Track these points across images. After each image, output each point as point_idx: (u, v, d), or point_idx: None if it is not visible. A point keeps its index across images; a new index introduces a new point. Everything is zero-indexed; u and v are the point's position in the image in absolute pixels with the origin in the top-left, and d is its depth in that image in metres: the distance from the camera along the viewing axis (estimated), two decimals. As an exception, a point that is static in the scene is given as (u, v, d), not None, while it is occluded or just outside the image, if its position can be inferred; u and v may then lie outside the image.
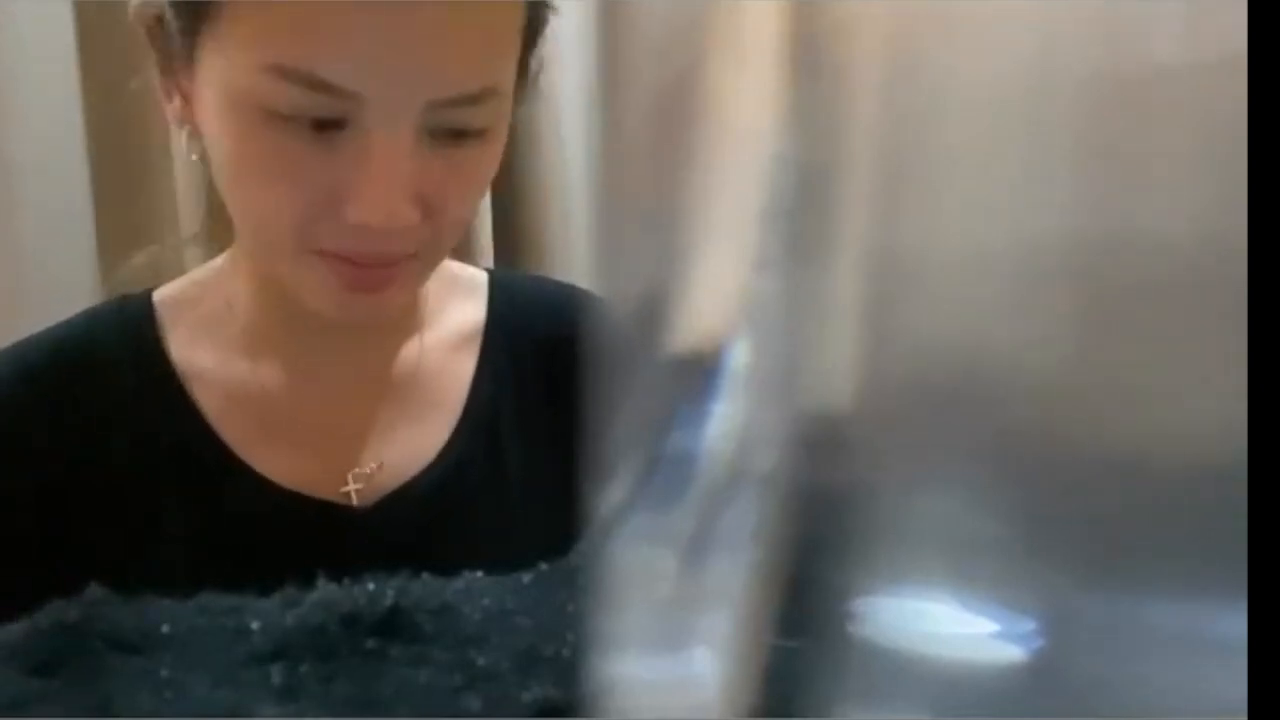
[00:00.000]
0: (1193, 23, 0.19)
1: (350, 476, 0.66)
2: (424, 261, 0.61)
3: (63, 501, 0.63)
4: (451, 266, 0.73)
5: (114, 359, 0.66)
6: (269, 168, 0.56)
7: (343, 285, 0.58)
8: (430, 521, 0.66)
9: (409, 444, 0.67)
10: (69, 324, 0.68)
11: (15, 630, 0.37)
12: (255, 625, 0.37)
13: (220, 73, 0.56)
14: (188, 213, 1.05)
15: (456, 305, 0.72)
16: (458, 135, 0.57)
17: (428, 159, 0.56)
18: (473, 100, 0.56)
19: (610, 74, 0.24)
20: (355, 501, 0.65)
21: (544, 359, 0.70)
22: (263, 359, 0.67)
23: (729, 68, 0.21)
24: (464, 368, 0.70)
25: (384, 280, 0.59)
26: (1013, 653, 0.20)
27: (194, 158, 0.63)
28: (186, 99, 0.60)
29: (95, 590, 0.38)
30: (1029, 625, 0.20)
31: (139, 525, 0.63)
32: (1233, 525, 0.18)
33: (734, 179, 0.21)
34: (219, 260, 0.69)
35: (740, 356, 0.21)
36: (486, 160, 0.60)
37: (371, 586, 0.38)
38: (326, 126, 0.54)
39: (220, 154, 0.58)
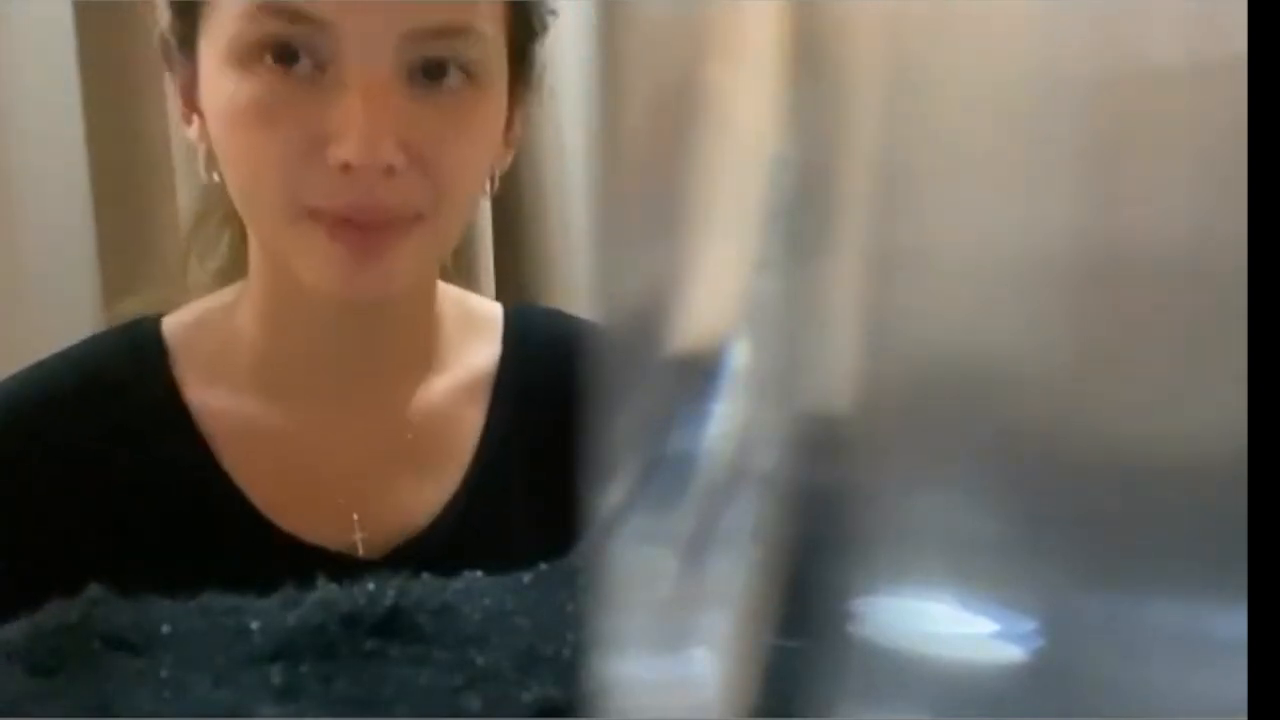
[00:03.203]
0: (1193, 24, 0.19)
1: (356, 525, 0.65)
2: (432, 229, 0.59)
3: (64, 532, 0.62)
4: (467, 301, 0.73)
5: (122, 391, 0.65)
6: (256, 116, 0.57)
7: (343, 252, 0.57)
8: (437, 571, 0.65)
9: (417, 494, 0.66)
10: (76, 351, 0.68)
11: (15, 630, 0.37)
12: (255, 625, 0.37)
13: (212, 42, 0.58)
14: (189, 223, 1.05)
15: (470, 347, 0.71)
16: (440, 75, 0.57)
17: (413, 102, 0.57)
18: (449, 33, 0.57)
19: (610, 75, 0.24)
20: (361, 552, 0.64)
21: (557, 402, 0.69)
22: (273, 398, 0.66)
23: (729, 68, 0.21)
24: (475, 414, 0.69)
25: (384, 244, 0.57)
26: (1013, 653, 0.20)
27: (215, 178, 0.63)
28: (202, 115, 0.61)
29: (95, 590, 0.38)
30: (1029, 625, 0.20)
31: (140, 561, 0.61)
32: (1233, 525, 0.18)
33: (734, 179, 0.21)
34: (229, 291, 0.68)
35: (740, 356, 0.21)
36: (479, 112, 0.60)
37: (371, 586, 0.38)
38: (308, 65, 0.56)
39: (218, 130, 0.59)
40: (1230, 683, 0.18)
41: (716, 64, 0.22)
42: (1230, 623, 0.18)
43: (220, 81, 0.58)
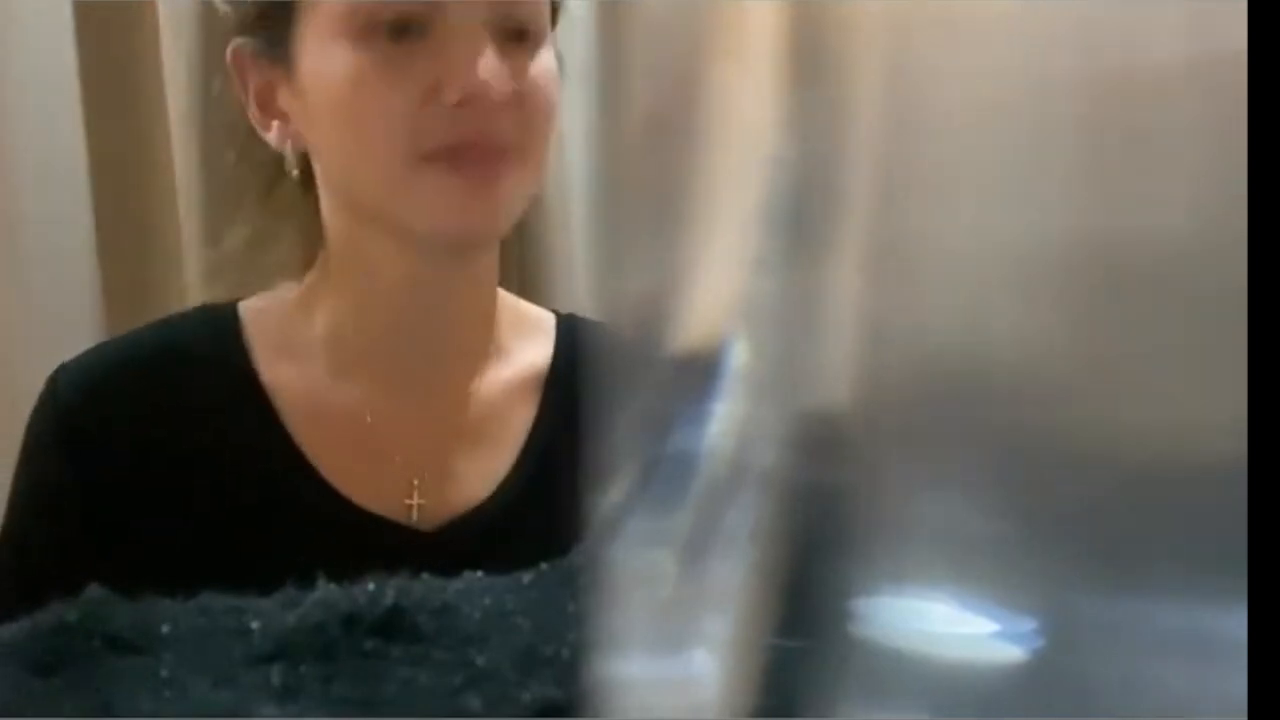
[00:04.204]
0: (1193, 24, 0.19)
1: (415, 497, 0.70)
2: (528, 164, 0.66)
3: (141, 494, 0.67)
4: (520, 304, 0.78)
5: (200, 365, 0.71)
6: (377, 79, 0.64)
7: (461, 184, 0.64)
8: (482, 553, 0.68)
9: (472, 474, 0.72)
10: (155, 328, 0.74)
11: (15, 630, 0.37)
12: (255, 625, 0.37)
13: (317, 27, 0.65)
14: (190, 233, 1.06)
15: (524, 345, 0.76)
16: (519, 39, 0.65)
17: (501, 54, 0.64)
18: None
19: (611, 75, 0.24)
20: (417, 522, 0.70)
21: None
22: (343, 377, 0.71)
23: (729, 68, 0.21)
24: (528, 406, 0.74)
25: (495, 175, 0.64)
26: (1013, 653, 0.20)
27: (294, 173, 0.70)
28: (284, 117, 0.68)
29: (95, 590, 0.38)
30: (1029, 625, 0.20)
31: (208, 521, 0.67)
32: (1233, 525, 0.18)
33: (734, 179, 0.21)
34: (298, 282, 0.73)
35: (740, 356, 0.21)
36: (546, 66, 0.67)
37: (371, 586, 0.38)
38: (413, 34, 0.63)
39: (331, 100, 0.65)
40: (1230, 683, 0.18)
41: (717, 63, 0.22)
42: (1230, 623, 0.18)
43: (330, 57, 0.65)
